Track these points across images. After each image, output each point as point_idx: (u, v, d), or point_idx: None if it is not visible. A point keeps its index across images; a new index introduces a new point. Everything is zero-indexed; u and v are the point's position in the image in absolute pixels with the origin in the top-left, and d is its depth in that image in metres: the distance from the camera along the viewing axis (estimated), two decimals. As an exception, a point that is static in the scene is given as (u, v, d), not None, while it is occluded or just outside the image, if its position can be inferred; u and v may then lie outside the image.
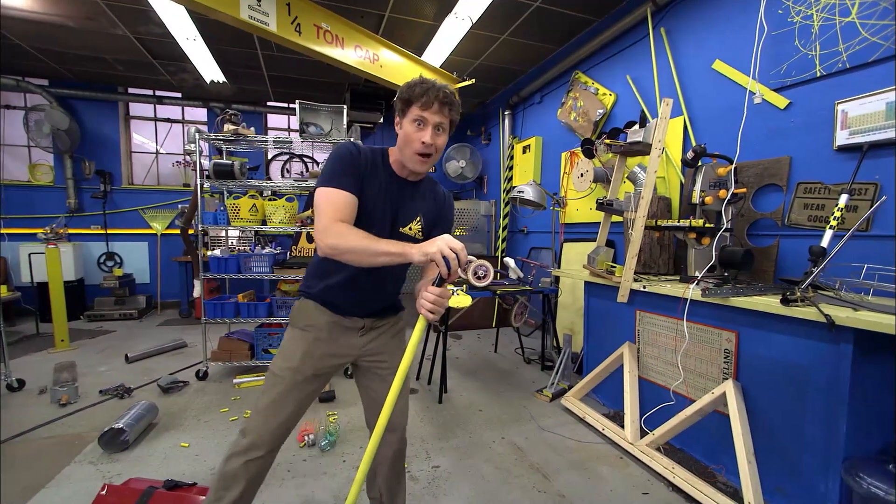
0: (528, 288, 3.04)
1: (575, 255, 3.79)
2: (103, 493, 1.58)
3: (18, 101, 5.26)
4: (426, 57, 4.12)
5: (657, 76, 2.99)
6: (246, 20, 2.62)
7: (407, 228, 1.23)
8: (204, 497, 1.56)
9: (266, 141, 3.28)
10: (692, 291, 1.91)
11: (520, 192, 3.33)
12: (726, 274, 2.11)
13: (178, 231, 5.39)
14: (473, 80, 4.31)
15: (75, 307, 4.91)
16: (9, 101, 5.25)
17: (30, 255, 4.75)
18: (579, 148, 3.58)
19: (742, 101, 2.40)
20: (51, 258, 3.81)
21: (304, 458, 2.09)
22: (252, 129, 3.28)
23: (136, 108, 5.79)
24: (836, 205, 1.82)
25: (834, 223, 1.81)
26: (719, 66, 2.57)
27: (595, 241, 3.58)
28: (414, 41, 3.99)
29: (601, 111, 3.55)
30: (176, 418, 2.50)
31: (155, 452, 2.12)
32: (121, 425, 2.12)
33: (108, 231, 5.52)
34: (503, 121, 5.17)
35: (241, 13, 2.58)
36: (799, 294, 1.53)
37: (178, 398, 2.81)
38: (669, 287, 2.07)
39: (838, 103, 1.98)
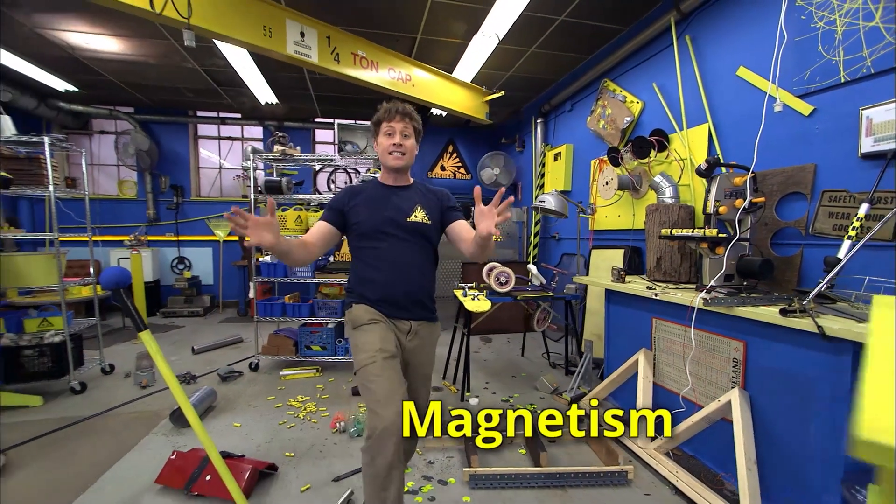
0: (549, 294, 3.13)
1: (603, 262, 3.81)
2: (172, 457, 1.94)
3: (110, 126, 6.13)
4: (457, 72, 4.33)
5: (682, 84, 2.98)
6: (291, 55, 2.97)
7: (413, 217, 1.49)
8: (250, 466, 1.85)
9: (311, 159, 3.64)
10: (699, 300, 1.95)
11: (541, 201, 3.44)
12: (745, 283, 2.11)
13: (236, 238, 6.00)
14: (503, 93, 4.46)
15: (152, 305, 5.63)
16: (102, 127, 6.14)
17: (119, 259, 5.51)
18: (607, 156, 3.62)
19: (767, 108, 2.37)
20: (134, 262, 4.45)
21: (335, 443, 2.35)
22: (298, 148, 3.66)
23: (202, 129, 6.52)
24: (856, 214, 1.78)
25: (853, 233, 1.77)
26: (744, 72, 2.55)
27: (621, 248, 3.61)
28: (446, 59, 4.22)
29: (629, 119, 3.57)
30: (231, 403, 2.88)
31: (213, 429, 2.48)
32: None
33: (180, 238, 6.26)
34: (535, 128, 5.25)
35: (287, 49, 2.93)
36: (797, 305, 1.54)
37: (233, 386, 3.21)
38: (680, 295, 2.11)
39: (863, 109, 1.94)
